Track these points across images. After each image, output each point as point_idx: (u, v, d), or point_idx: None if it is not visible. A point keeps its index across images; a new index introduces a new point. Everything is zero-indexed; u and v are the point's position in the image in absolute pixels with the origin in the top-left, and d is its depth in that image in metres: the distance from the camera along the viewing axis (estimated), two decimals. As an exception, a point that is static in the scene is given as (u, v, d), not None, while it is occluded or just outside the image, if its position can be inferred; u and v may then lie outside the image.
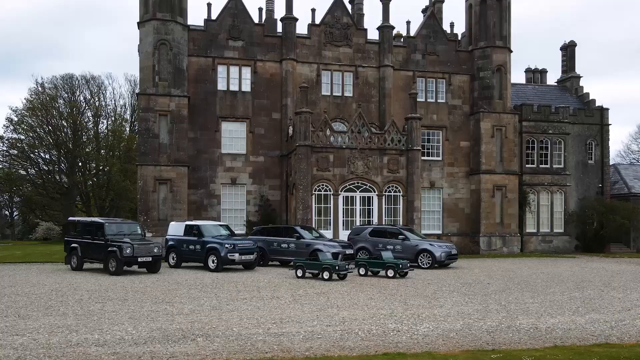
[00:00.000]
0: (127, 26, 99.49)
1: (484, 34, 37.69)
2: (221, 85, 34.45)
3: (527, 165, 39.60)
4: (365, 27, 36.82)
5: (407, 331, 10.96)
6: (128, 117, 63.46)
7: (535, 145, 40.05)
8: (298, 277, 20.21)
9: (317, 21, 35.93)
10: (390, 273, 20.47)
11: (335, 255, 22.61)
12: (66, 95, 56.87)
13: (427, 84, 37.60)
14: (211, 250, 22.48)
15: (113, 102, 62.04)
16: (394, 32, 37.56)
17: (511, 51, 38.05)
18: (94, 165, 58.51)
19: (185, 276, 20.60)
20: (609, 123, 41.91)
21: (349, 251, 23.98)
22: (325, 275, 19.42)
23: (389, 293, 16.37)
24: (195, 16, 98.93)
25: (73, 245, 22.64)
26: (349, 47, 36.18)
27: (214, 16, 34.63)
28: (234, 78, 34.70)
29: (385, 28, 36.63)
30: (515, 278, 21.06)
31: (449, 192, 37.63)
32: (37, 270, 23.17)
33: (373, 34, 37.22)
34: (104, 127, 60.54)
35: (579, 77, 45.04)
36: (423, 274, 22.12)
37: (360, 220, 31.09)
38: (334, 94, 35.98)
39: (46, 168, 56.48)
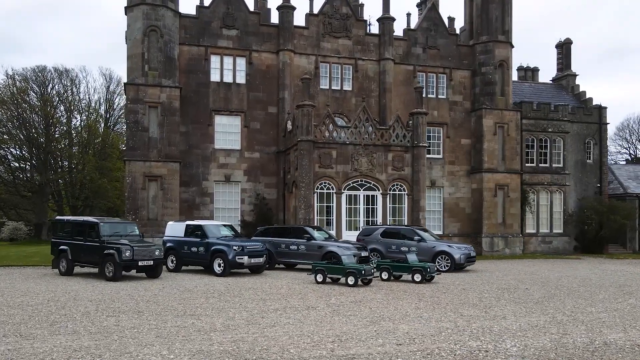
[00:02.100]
0: (93, 21, 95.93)
1: (485, 28, 36.48)
2: (214, 76, 32.37)
3: (526, 164, 38.53)
4: (364, 18, 35.19)
5: (495, 351, 9.29)
6: (103, 113, 60.38)
7: (535, 143, 39.03)
8: (318, 282, 18.40)
9: (315, 10, 34.15)
10: (417, 277, 18.84)
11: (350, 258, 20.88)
12: (37, 88, 53.75)
13: (427, 79, 36.19)
14: (217, 252, 20.46)
15: (87, 96, 59.09)
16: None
17: (512, 46, 36.91)
18: (67, 163, 55.52)
19: (192, 282, 18.56)
20: (607, 122, 41.25)
21: (364, 253, 22.24)
22: (350, 280, 17.65)
23: (432, 301, 14.71)
24: (187, 2, 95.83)
25: (62, 247, 20.31)
26: (348, 39, 34.49)
27: (206, 3, 32.52)
28: (228, 69, 32.66)
29: (385, 20, 35.09)
30: (549, 282, 19.66)
31: (449, 192, 36.29)
32: (20, 275, 20.77)
33: (372, 26, 35.69)
34: (78, 123, 57.60)
35: (574, 75, 44.31)
36: (448, 278, 20.55)
37: (364, 220, 29.45)
38: (332, 87, 34.26)
39: (17, 165, 53.24)
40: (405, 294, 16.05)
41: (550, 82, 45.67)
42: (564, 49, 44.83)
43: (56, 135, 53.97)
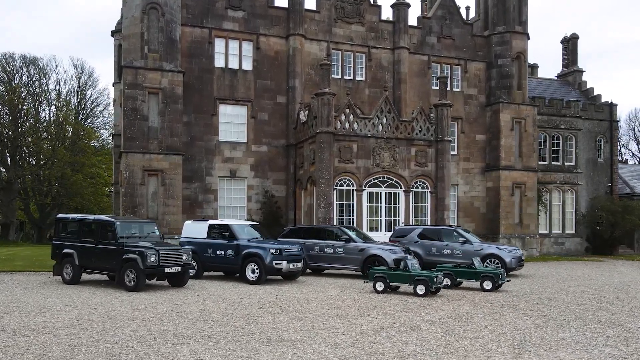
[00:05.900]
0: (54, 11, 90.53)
1: (502, 18, 34.58)
2: (219, 62, 29.43)
3: (538, 162, 36.81)
4: (378, 3, 32.78)
5: None
6: (74, 106, 56.13)
7: (548, 141, 37.47)
8: (378, 291, 15.86)
9: (327, -7, 31.58)
10: (488, 285, 16.53)
11: (397, 262, 18.53)
12: (5, 76, 49.45)
13: (441, 70, 34.03)
14: (250, 257, 17.65)
15: (57, 88, 54.89)
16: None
17: (529, 38, 35.13)
18: (34, 159, 51.35)
19: (228, 292, 15.73)
20: (618, 119, 40.07)
21: (410, 257, 19.75)
22: (420, 290, 15.18)
23: (540, 316, 12.38)
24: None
25: (67, 250, 17.15)
26: (361, 25, 32.03)
27: (210, -20, 29.54)
28: (234, 54, 29.75)
29: (399, 6, 32.78)
30: (625, 289, 17.66)
31: (464, 190, 34.24)
32: (15, 284, 17.44)
33: (386, 12, 33.40)
34: (47, 116, 53.43)
35: (581, 71, 43.03)
36: (510, 285, 18.26)
37: (385, 220, 27.10)
38: (344, 77, 31.73)
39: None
40: (496, 306, 13.67)
41: (556, 78, 44.29)
42: (569, 44, 43.52)
43: (24, 129, 49.71)
